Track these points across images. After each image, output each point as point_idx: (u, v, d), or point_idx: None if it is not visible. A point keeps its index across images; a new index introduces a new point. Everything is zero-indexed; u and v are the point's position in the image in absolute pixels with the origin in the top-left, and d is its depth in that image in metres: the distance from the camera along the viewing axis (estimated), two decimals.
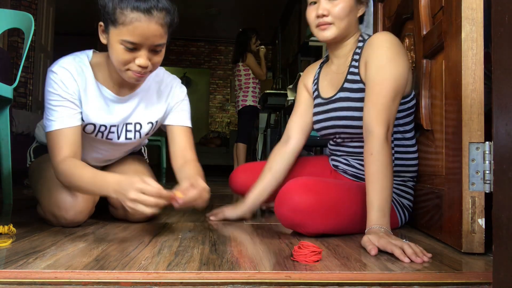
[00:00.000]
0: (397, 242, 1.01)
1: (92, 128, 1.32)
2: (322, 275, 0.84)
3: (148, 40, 1.13)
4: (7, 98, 1.87)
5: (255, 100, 4.35)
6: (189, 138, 1.41)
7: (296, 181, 1.24)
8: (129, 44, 1.12)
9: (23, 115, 3.26)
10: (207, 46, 8.68)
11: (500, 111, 0.65)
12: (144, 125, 1.40)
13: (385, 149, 1.16)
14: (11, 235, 1.16)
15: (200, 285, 0.78)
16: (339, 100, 1.40)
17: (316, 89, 1.54)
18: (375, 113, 1.21)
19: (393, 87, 1.23)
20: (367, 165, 1.17)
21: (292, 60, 5.90)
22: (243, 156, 4.39)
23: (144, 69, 1.17)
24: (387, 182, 1.13)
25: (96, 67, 1.29)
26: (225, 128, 8.60)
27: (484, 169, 1.03)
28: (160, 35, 1.14)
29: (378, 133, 1.18)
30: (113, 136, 1.38)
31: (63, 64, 1.24)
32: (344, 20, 1.34)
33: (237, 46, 4.46)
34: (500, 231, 0.63)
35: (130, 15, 1.10)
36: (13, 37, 4.03)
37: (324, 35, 1.36)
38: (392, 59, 1.25)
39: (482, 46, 1.06)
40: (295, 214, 1.19)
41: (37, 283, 0.76)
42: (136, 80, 1.21)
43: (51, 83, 1.23)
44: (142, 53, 1.14)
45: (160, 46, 1.17)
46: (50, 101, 1.22)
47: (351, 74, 1.39)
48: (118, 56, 1.15)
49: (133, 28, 1.10)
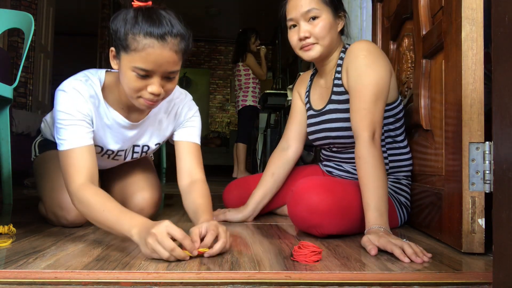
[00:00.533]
0: (397, 242, 1.01)
1: (100, 150, 1.30)
2: (322, 275, 0.84)
3: (161, 67, 1.06)
4: (7, 98, 1.87)
5: (255, 100, 4.35)
6: (197, 155, 1.35)
7: (311, 181, 1.24)
8: (142, 71, 1.06)
9: (23, 115, 3.27)
10: (207, 46, 8.68)
11: (500, 111, 0.65)
12: (152, 146, 1.39)
13: (371, 151, 1.18)
14: (11, 235, 1.16)
15: (200, 285, 0.78)
16: (329, 112, 1.44)
17: (308, 101, 1.56)
18: (358, 118, 1.25)
19: (373, 91, 1.26)
20: (358, 169, 1.19)
21: (292, 60, 5.90)
22: (243, 156, 4.39)
23: (156, 96, 1.11)
24: (380, 182, 1.14)
25: (108, 90, 1.23)
26: (225, 128, 8.60)
27: (484, 169, 1.03)
28: (174, 62, 1.08)
29: (363, 137, 1.21)
30: (119, 158, 1.38)
31: (75, 85, 1.17)
32: (326, 38, 1.36)
33: (237, 46, 4.46)
34: (500, 231, 0.63)
35: (143, 41, 1.03)
36: (13, 37, 4.03)
37: (310, 54, 1.38)
38: (370, 65, 1.29)
39: (482, 46, 1.06)
40: (312, 215, 1.18)
41: (37, 283, 0.76)
42: (148, 107, 1.15)
43: (60, 102, 1.15)
44: (155, 81, 1.08)
45: (173, 73, 1.11)
46: (61, 120, 1.14)
47: (336, 86, 1.42)
48: (130, 84, 1.09)
49: (146, 55, 1.03)
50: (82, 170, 1.11)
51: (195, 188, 1.25)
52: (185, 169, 1.30)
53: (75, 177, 1.10)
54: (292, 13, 1.37)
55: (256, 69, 4.34)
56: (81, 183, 1.09)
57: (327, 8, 1.36)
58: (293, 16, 1.36)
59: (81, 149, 1.13)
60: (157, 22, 1.04)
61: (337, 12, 1.39)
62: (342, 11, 1.41)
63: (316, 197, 1.18)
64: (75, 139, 1.13)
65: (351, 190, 1.25)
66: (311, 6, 1.34)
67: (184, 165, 1.31)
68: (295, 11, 1.36)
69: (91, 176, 1.12)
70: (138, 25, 1.03)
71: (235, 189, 1.75)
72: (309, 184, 1.22)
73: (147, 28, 1.03)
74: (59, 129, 1.14)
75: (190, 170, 1.30)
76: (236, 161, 4.44)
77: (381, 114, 1.27)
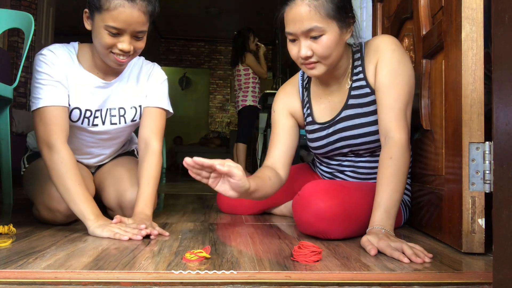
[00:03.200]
0: (397, 245, 0.99)
1: (78, 114, 1.35)
2: (322, 275, 0.83)
3: (130, 26, 1.19)
4: (7, 98, 1.87)
5: (255, 100, 4.35)
6: (157, 122, 1.41)
7: (317, 185, 1.20)
8: (113, 29, 1.19)
9: (23, 115, 3.27)
10: (207, 46, 8.68)
11: (500, 111, 0.65)
12: (128, 110, 1.42)
13: (405, 155, 1.15)
14: (11, 235, 1.16)
15: (200, 285, 0.78)
16: (344, 119, 1.32)
17: (309, 114, 1.41)
18: (393, 117, 1.18)
19: (408, 90, 1.21)
20: (382, 168, 1.14)
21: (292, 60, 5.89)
22: (243, 156, 4.39)
23: (126, 53, 1.23)
24: (400, 187, 1.12)
25: (82, 56, 1.35)
26: (225, 128, 8.60)
27: (484, 169, 1.03)
28: (142, 22, 1.21)
29: (399, 138, 1.15)
30: (98, 122, 1.39)
31: (52, 48, 1.31)
32: (331, 56, 1.20)
33: (235, 49, 4.45)
34: (500, 231, 0.63)
35: (114, 1, 1.16)
36: (13, 37, 4.03)
37: (312, 73, 1.24)
38: (402, 61, 1.23)
39: (482, 46, 1.06)
40: (319, 221, 1.15)
41: (37, 283, 0.76)
42: (119, 64, 1.27)
43: (40, 63, 1.28)
44: (125, 38, 1.21)
45: (142, 33, 1.24)
46: (39, 80, 1.26)
47: (356, 89, 1.31)
48: (102, 41, 1.21)
49: (117, 14, 1.17)
50: (63, 128, 1.25)
51: (146, 161, 1.35)
52: (142, 136, 1.40)
53: (59, 134, 1.23)
54: (290, 27, 1.18)
55: (257, 68, 4.34)
56: (63, 142, 1.23)
57: (332, 22, 1.16)
58: (292, 31, 1.18)
59: (58, 108, 1.26)
60: None
61: (345, 21, 1.20)
62: (351, 17, 1.23)
63: (323, 203, 1.14)
64: (53, 98, 1.26)
65: (357, 195, 1.23)
66: (313, 25, 1.14)
67: (142, 131, 1.40)
68: (294, 26, 1.17)
69: (66, 137, 1.25)
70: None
71: None
72: (315, 189, 1.18)
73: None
74: (36, 88, 1.26)
75: (146, 137, 1.38)
76: (236, 161, 4.44)
77: (410, 116, 1.23)
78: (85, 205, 1.19)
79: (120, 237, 1.11)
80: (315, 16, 1.14)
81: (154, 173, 1.34)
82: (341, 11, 1.17)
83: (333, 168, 1.46)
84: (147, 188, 1.31)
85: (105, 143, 1.48)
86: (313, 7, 1.14)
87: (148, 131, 1.39)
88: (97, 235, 1.15)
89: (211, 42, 8.62)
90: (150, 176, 1.33)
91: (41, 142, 1.23)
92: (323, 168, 1.50)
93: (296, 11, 1.16)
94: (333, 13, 1.16)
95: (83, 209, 1.18)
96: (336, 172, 1.45)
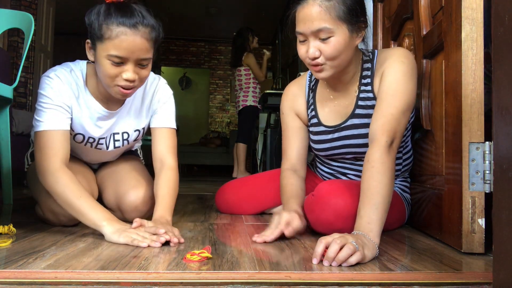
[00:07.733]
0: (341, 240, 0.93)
1: (82, 138, 1.35)
2: (322, 275, 0.84)
3: (134, 54, 1.14)
4: (7, 98, 1.87)
5: (255, 100, 4.35)
6: (169, 141, 1.39)
7: (332, 184, 1.19)
8: (116, 58, 1.13)
9: (23, 115, 3.26)
10: (207, 46, 8.68)
11: (500, 111, 0.65)
12: (131, 133, 1.42)
13: (383, 158, 1.10)
14: (11, 235, 1.16)
15: (200, 285, 0.78)
16: (350, 127, 1.33)
17: (314, 116, 1.41)
18: (381, 122, 1.16)
19: (406, 100, 1.19)
20: (363, 172, 1.12)
21: (292, 60, 5.90)
22: (243, 156, 4.39)
23: (131, 83, 1.18)
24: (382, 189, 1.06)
25: (89, 79, 1.30)
26: (225, 128, 8.60)
27: (484, 169, 1.03)
28: (146, 49, 1.16)
29: (380, 141, 1.12)
30: (102, 147, 1.40)
31: (59, 74, 1.26)
32: (338, 58, 1.19)
33: (235, 50, 4.45)
34: (500, 231, 0.63)
35: (116, 29, 1.12)
36: (13, 37, 4.03)
37: (320, 76, 1.24)
38: (407, 74, 1.21)
39: (482, 46, 1.06)
40: (338, 219, 1.14)
41: (37, 283, 0.76)
42: (123, 96, 1.22)
43: (45, 87, 1.24)
44: (129, 67, 1.16)
45: (146, 60, 1.18)
46: (42, 103, 1.24)
47: (363, 100, 1.31)
48: (105, 71, 1.16)
49: (119, 42, 1.12)
50: (60, 152, 1.21)
51: (162, 175, 1.33)
52: (157, 156, 1.38)
53: (54, 158, 1.20)
54: (301, 26, 1.19)
55: (256, 69, 4.34)
56: (59, 165, 1.20)
57: (342, 24, 1.16)
58: (302, 31, 1.19)
59: (58, 132, 1.23)
60: (128, 13, 1.14)
61: (356, 25, 1.19)
62: (362, 22, 1.22)
63: (343, 201, 1.14)
64: (53, 122, 1.23)
65: None
66: (323, 25, 1.15)
67: (156, 152, 1.39)
68: (304, 25, 1.17)
69: (66, 160, 1.23)
70: (111, 15, 1.13)
71: (230, 190, 1.73)
72: (332, 188, 1.18)
73: (120, 18, 1.13)
74: (39, 110, 1.24)
75: (161, 156, 1.37)
76: (236, 161, 4.44)
77: (405, 126, 1.20)
78: (92, 214, 1.14)
79: (138, 244, 1.05)
80: (325, 17, 1.15)
81: (172, 185, 1.31)
82: (353, 14, 1.18)
83: (334, 169, 1.46)
84: (166, 197, 1.27)
85: (108, 155, 1.50)
86: (324, 7, 1.15)
87: (163, 151, 1.37)
88: (114, 242, 1.09)
89: (211, 42, 8.62)
90: (168, 188, 1.30)
91: (37, 165, 1.22)
92: (324, 168, 1.50)
93: (307, 10, 1.17)
94: (344, 16, 1.16)
95: (92, 218, 1.14)
96: (338, 174, 1.45)
